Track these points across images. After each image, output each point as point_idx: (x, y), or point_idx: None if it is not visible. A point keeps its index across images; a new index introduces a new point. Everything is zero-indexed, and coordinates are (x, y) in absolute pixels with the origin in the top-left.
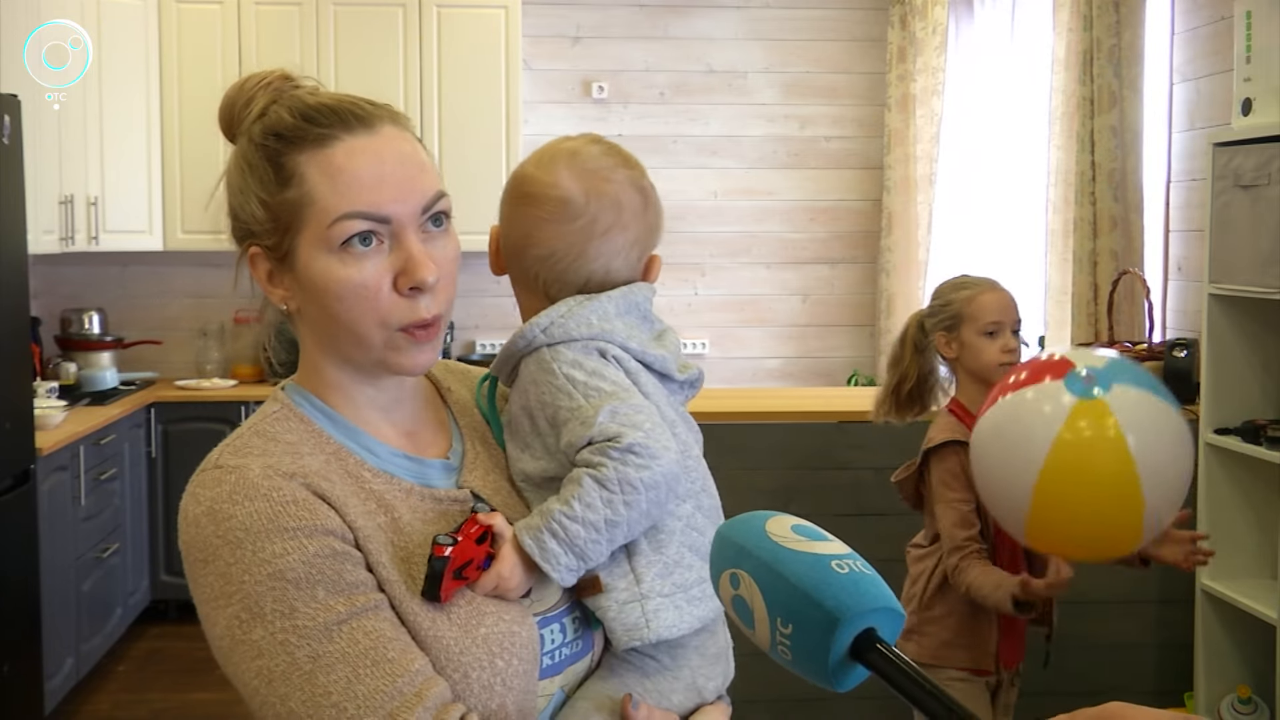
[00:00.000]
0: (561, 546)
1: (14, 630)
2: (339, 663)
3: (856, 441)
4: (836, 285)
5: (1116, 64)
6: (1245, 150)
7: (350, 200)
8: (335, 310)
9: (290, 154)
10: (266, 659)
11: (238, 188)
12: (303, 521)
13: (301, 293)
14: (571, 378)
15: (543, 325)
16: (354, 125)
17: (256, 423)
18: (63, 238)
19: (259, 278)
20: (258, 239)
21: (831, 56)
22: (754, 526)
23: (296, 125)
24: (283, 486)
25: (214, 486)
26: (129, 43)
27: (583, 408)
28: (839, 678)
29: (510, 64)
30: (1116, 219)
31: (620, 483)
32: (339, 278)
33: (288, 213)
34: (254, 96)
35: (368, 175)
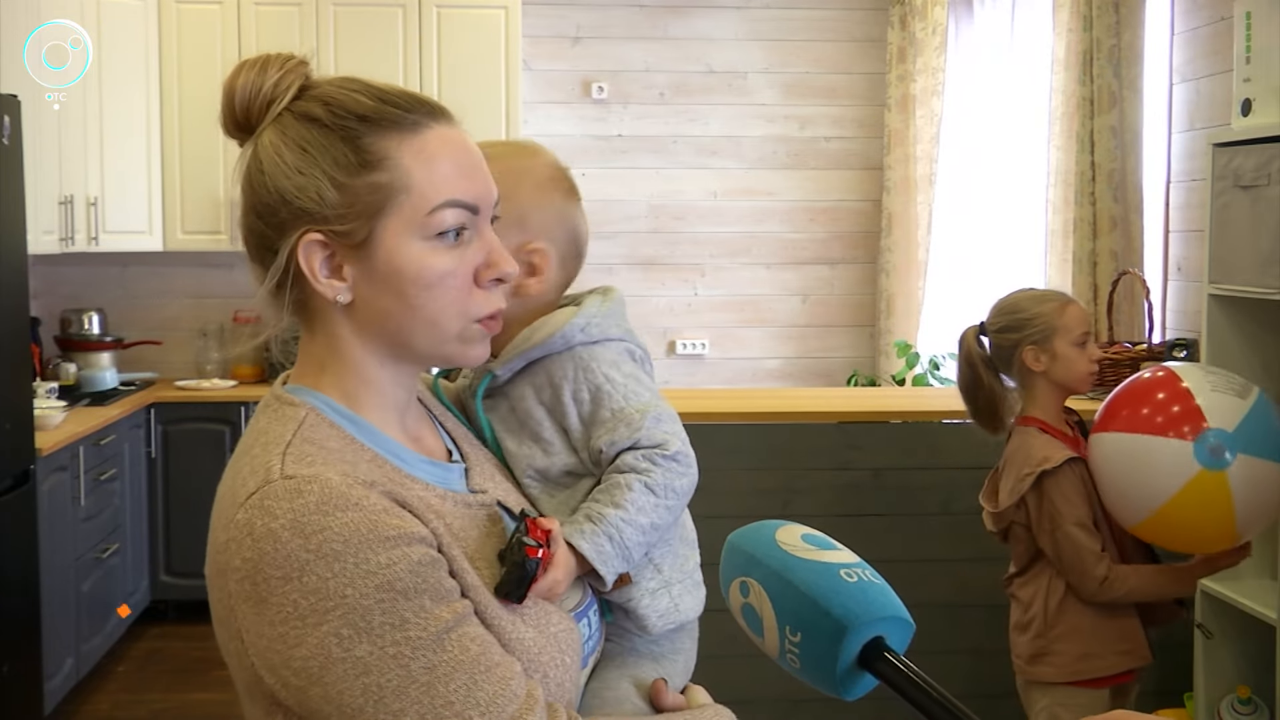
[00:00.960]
0: (615, 549)
1: (14, 630)
2: (456, 671)
3: (856, 442)
4: (836, 285)
5: (1116, 64)
6: (1245, 151)
7: (450, 189)
8: (419, 300)
9: (375, 136)
10: (376, 675)
11: (293, 168)
12: (400, 530)
13: (373, 282)
14: (611, 379)
15: (581, 325)
16: (437, 114)
17: (297, 429)
18: (62, 238)
19: (310, 267)
20: (321, 224)
21: (831, 57)
22: (764, 535)
23: (379, 107)
24: (370, 495)
25: (293, 498)
26: (129, 43)
27: (626, 410)
28: (847, 686)
29: (510, 64)
30: (1116, 219)
31: (666, 489)
32: (431, 265)
33: (374, 196)
34: (282, 79)
35: (462, 165)
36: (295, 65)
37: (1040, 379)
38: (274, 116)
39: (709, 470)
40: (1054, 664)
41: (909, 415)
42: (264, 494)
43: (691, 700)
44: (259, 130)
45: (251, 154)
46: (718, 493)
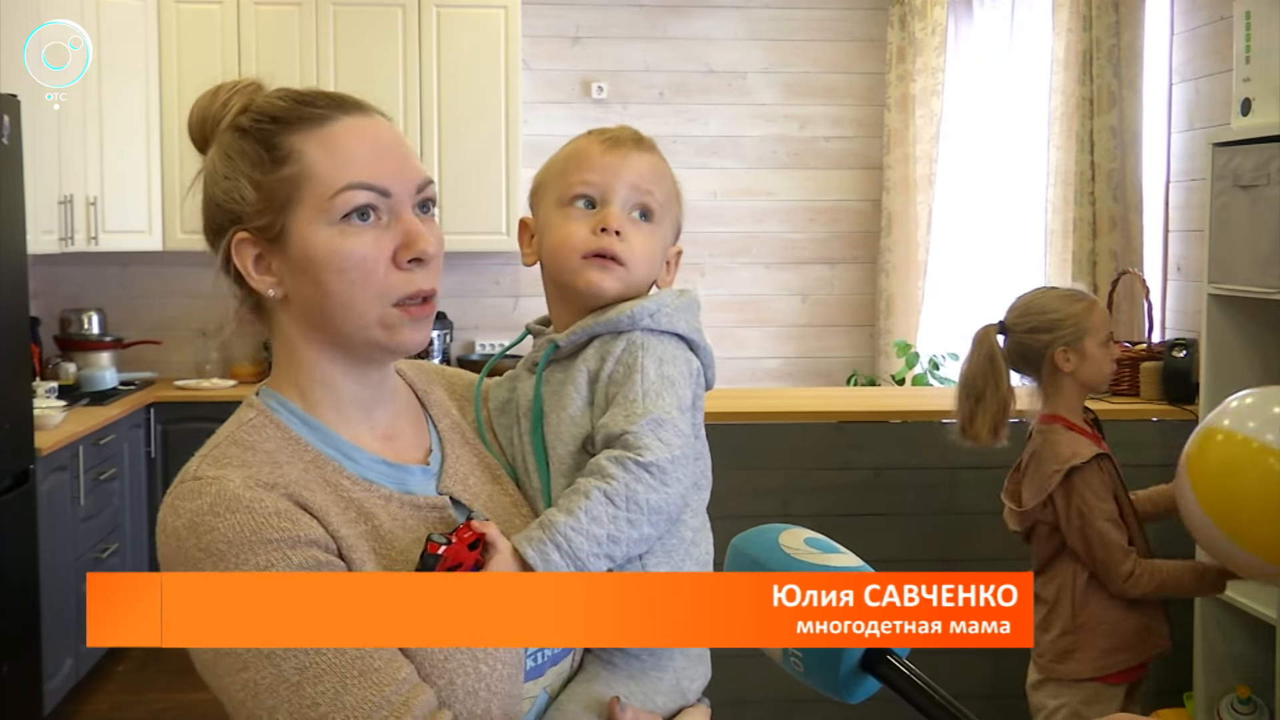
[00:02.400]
0: (565, 559)
1: (14, 630)
2: (326, 673)
3: (856, 441)
4: (836, 285)
5: (1116, 64)
6: (1245, 150)
7: (353, 172)
8: (333, 286)
9: (285, 134)
10: (252, 671)
11: (221, 176)
12: (286, 533)
13: (294, 273)
14: (646, 370)
15: (650, 311)
16: (350, 108)
17: (233, 431)
18: (62, 238)
19: (244, 266)
20: (245, 223)
21: (831, 57)
22: (768, 539)
23: (291, 107)
24: (264, 498)
25: (193, 498)
26: (129, 43)
27: (636, 403)
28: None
29: (510, 64)
30: (1116, 219)
31: (628, 500)
32: (339, 249)
33: (283, 189)
34: (230, 100)
35: (368, 150)
36: (244, 87)
37: (1066, 379)
38: (215, 134)
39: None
40: (1082, 659)
41: (909, 415)
42: (175, 493)
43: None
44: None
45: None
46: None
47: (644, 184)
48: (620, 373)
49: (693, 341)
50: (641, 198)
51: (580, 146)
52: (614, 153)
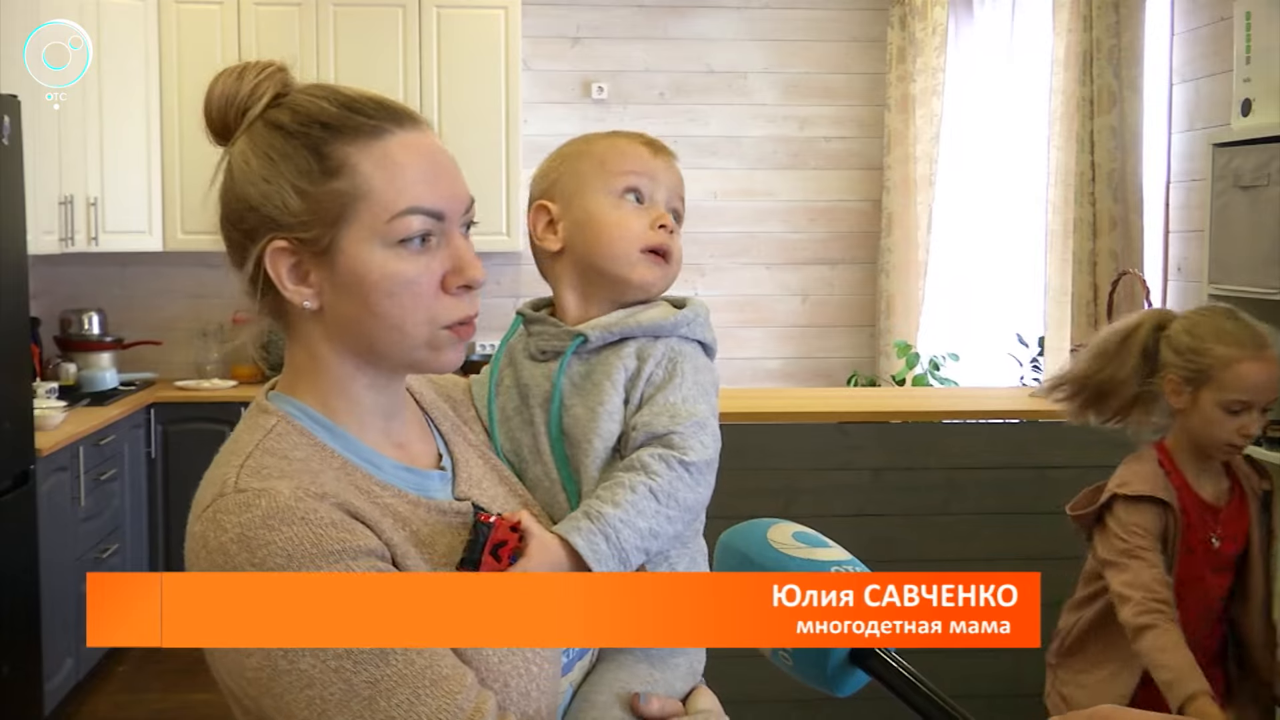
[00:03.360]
0: (611, 549)
1: (14, 631)
2: (398, 685)
3: (856, 442)
4: (836, 286)
5: (1116, 64)
6: (1245, 151)
7: (411, 195)
8: (382, 307)
9: (336, 143)
10: (319, 688)
11: (259, 176)
12: (345, 544)
13: (337, 289)
14: (685, 375)
15: (689, 319)
16: (403, 120)
17: (261, 440)
18: (62, 238)
19: (276, 273)
20: (286, 231)
21: (831, 57)
22: (756, 534)
23: (342, 114)
24: (318, 508)
25: (242, 511)
26: (129, 43)
27: (677, 407)
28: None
29: (510, 64)
30: (1116, 219)
31: (669, 497)
32: (393, 273)
33: (335, 204)
34: (259, 86)
35: (424, 171)
36: (272, 72)
37: (1179, 415)
38: (248, 124)
39: None
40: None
41: (909, 415)
42: (216, 507)
43: (693, 706)
44: (234, 137)
45: (225, 164)
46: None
47: (679, 191)
48: (661, 376)
49: (712, 352)
50: (676, 204)
51: (623, 144)
52: (660, 157)
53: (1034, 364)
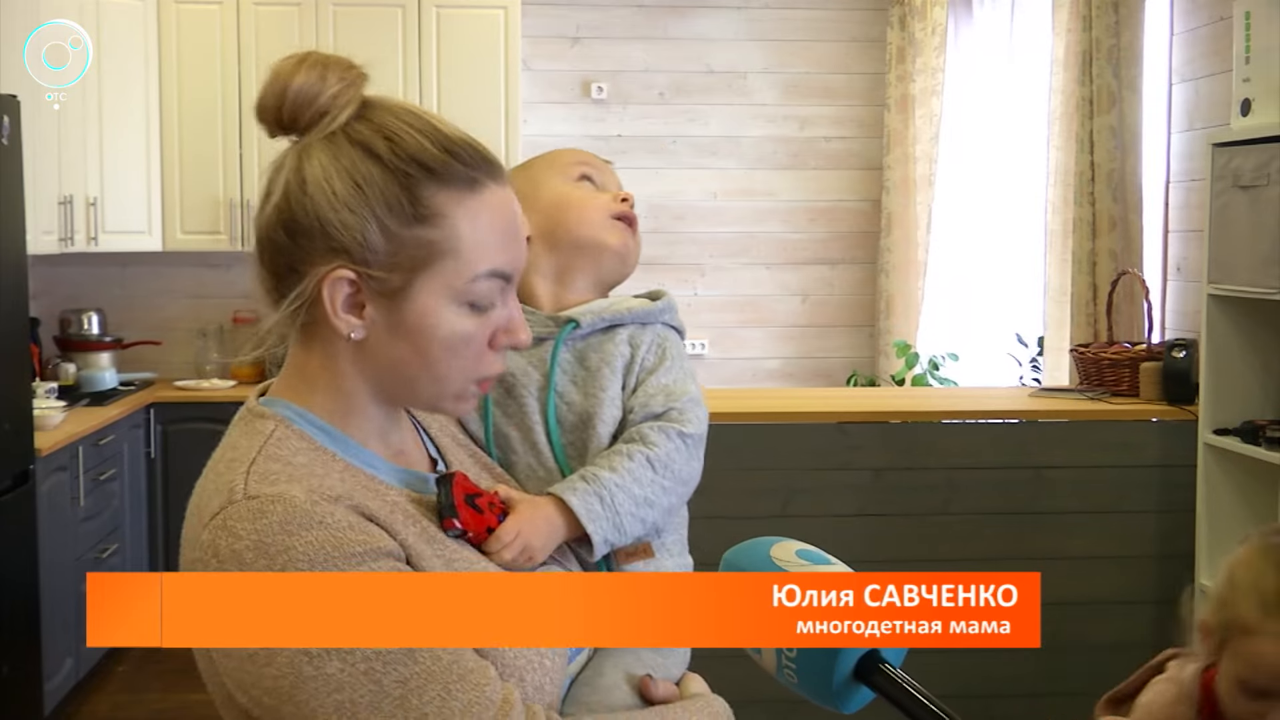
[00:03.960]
0: (606, 511)
1: (13, 631)
2: (429, 683)
3: (856, 442)
4: (836, 286)
5: (1115, 64)
6: (1244, 151)
7: (494, 258)
8: (435, 357)
9: (432, 188)
10: (348, 691)
11: (342, 202)
12: (365, 545)
13: (395, 332)
14: (675, 358)
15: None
16: (496, 173)
17: (263, 445)
18: (62, 238)
19: (331, 300)
20: (357, 264)
21: (831, 57)
22: (759, 552)
23: (443, 159)
24: (334, 511)
25: (257, 518)
26: (129, 43)
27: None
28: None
29: (510, 64)
30: (1116, 219)
31: (666, 467)
32: (459, 331)
33: (420, 252)
34: (342, 93)
35: (506, 231)
36: (356, 78)
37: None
38: (326, 131)
39: (709, 470)
40: None
41: (909, 415)
42: (227, 514)
43: (685, 690)
44: (306, 139)
45: (294, 166)
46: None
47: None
48: (652, 361)
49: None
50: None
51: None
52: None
53: (1033, 364)
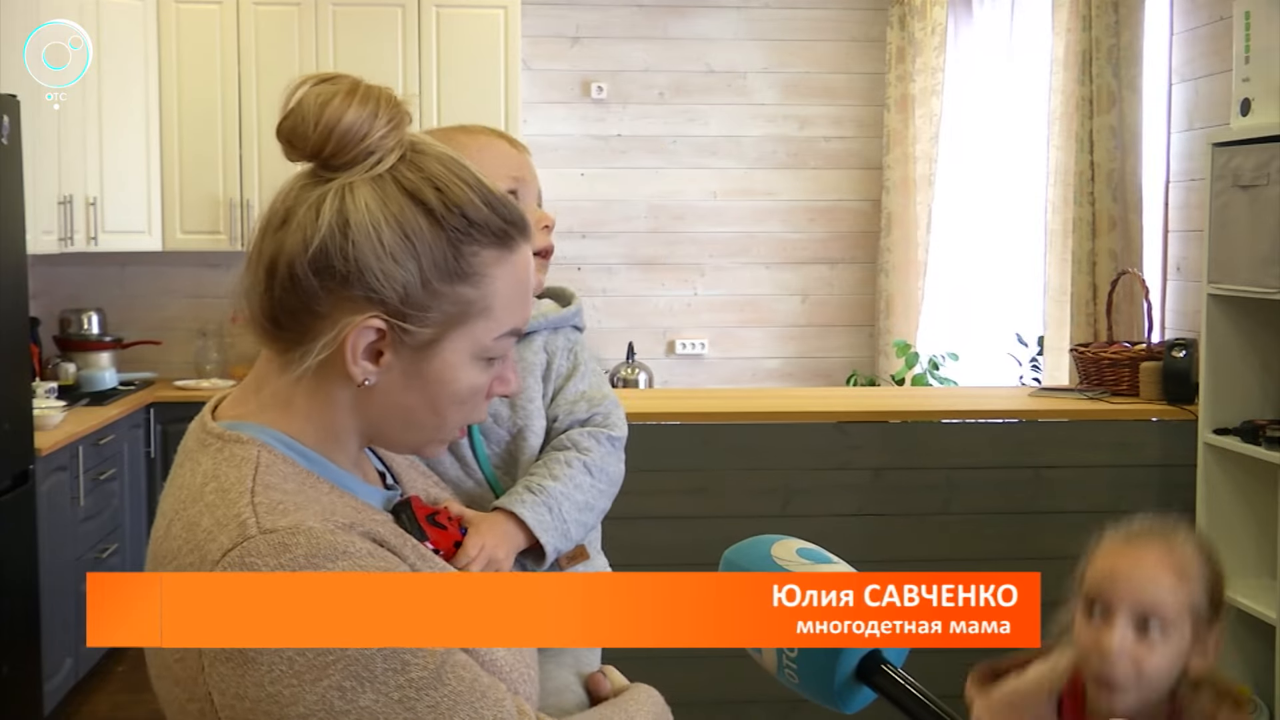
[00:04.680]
0: (554, 520)
1: (13, 631)
2: (458, 704)
3: (856, 442)
4: (836, 285)
5: (1115, 64)
6: (1244, 150)
7: (517, 316)
8: (443, 407)
9: (476, 246)
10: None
11: (388, 252)
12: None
13: (409, 380)
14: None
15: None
16: (526, 230)
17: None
18: (62, 238)
19: (350, 348)
20: (392, 316)
21: (831, 57)
22: (759, 551)
23: (489, 215)
24: (353, 541)
25: (280, 553)
26: (129, 43)
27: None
28: (846, 700)
29: (509, 64)
30: (1115, 219)
31: (601, 471)
32: (472, 383)
33: (457, 308)
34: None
35: (526, 289)
36: (403, 117)
37: None
38: (372, 173)
39: (709, 470)
40: None
41: (909, 415)
42: (244, 550)
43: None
44: (346, 178)
45: (336, 208)
46: (718, 493)
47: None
48: (567, 367)
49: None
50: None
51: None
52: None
53: (1033, 364)
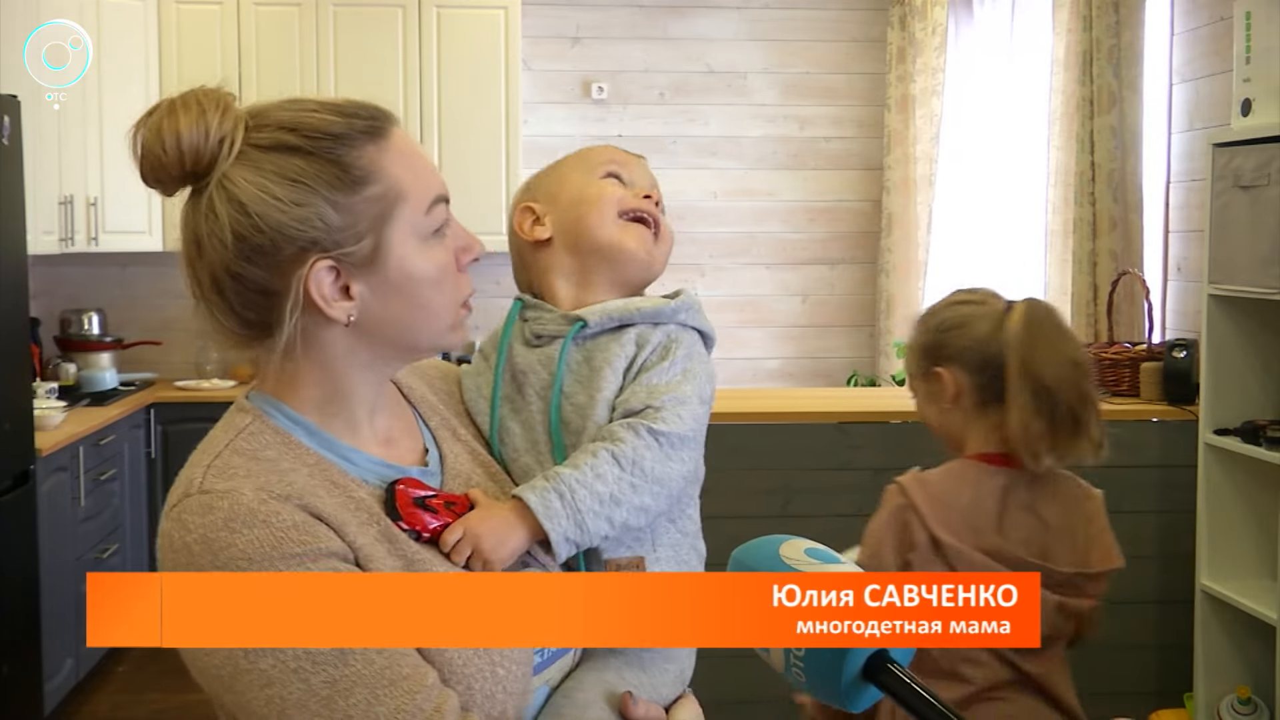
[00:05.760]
0: (566, 509)
1: (13, 631)
2: (357, 685)
3: (856, 442)
4: (836, 286)
5: (1116, 64)
6: (1245, 151)
7: (431, 185)
8: (427, 298)
9: (354, 151)
10: (278, 687)
11: (288, 201)
12: (306, 546)
13: (383, 292)
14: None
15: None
16: (391, 116)
17: (232, 440)
18: (62, 238)
19: (320, 294)
20: (331, 249)
21: (831, 57)
22: (768, 550)
23: (346, 122)
24: (280, 510)
25: (205, 513)
26: (129, 43)
27: (660, 384)
28: (852, 698)
29: (510, 64)
30: (1116, 219)
31: (634, 464)
32: (437, 263)
33: (375, 208)
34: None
35: (425, 161)
36: (227, 99)
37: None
38: (232, 155)
39: (710, 470)
40: None
41: (909, 415)
42: (182, 507)
43: (673, 715)
44: (216, 174)
45: (223, 200)
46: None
47: (656, 185)
48: (653, 360)
49: (710, 341)
50: (657, 193)
51: (597, 147)
52: (634, 157)
53: None
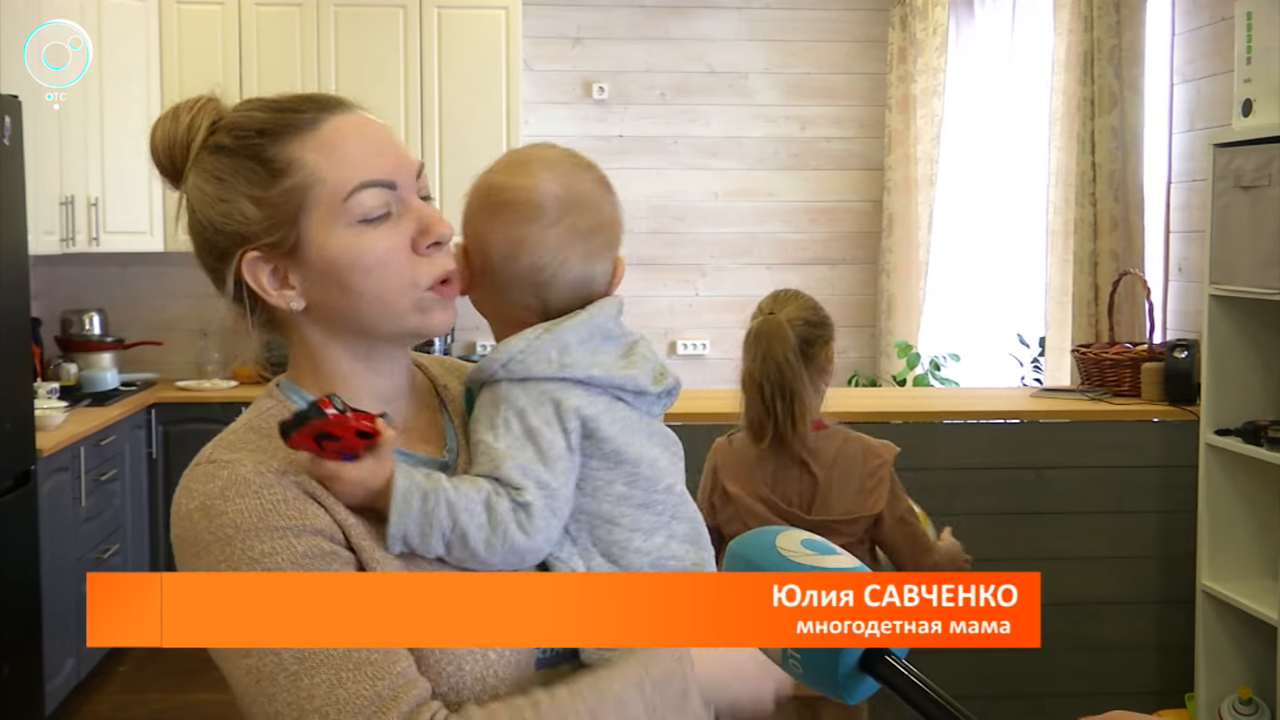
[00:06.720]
0: (419, 512)
1: (14, 631)
2: (323, 665)
3: None
4: (837, 286)
5: (1117, 65)
6: (1246, 151)
7: (359, 172)
8: (361, 285)
9: (276, 145)
10: (255, 657)
11: (215, 198)
12: (292, 521)
13: (316, 281)
14: (508, 421)
15: (502, 361)
16: (333, 107)
17: (251, 418)
18: (63, 238)
19: (258, 285)
20: (253, 241)
21: (832, 57)
22: (764, 542)
23: (274, 117)
24: (274, 484)
25: (207, 481)
26: (129, 43)
27: (498, 452)
28: (849, 690)
29: (510, 65)
30: (1117, 220)
31: (500, 528)
32: (363, 250)
33: (290, 200)
34: (194, 120)
35: (366, 147)
36: (204, 105)
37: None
38: (194, 158)
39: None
40: None
41: (909, 415)
42: (190, 475)
43: None
44: (185, 175)
45: (185, 199)
46: None
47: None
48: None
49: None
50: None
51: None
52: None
53: (1035, 364)
